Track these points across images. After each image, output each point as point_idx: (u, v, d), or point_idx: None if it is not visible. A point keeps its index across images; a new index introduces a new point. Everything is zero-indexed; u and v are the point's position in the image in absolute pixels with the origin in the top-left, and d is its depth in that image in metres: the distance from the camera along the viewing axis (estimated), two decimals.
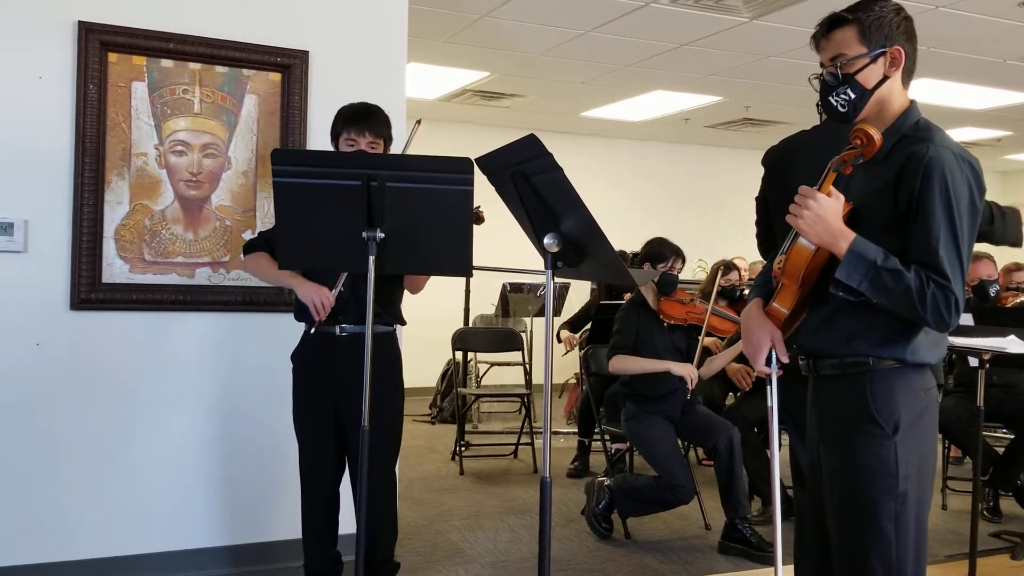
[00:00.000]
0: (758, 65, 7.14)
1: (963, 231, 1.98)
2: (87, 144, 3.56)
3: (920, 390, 2.10)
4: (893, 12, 2.10)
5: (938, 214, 1.97)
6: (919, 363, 2.09)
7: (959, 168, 2.00)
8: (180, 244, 3.75)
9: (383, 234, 2.52)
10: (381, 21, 4.07)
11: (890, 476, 2.04)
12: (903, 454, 2.05)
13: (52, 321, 3.55)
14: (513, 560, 4.12)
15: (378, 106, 3.19)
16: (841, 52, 2.11)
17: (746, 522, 4.27)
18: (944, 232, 1.96)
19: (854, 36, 2.09)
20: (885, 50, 2.09)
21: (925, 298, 1.93)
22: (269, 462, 3.88)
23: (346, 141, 3.09)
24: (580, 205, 2.16)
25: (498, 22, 6.16)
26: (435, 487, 5.50)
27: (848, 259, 1.98)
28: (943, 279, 1.94)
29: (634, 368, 4.39)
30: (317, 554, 3.25)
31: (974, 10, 5.59)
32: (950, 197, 1.97)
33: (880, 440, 2.05)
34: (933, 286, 1.94)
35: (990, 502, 5.00)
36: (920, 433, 2.09)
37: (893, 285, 1.95)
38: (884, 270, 1.96)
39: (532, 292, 7.63)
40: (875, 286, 1.97)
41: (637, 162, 10.68)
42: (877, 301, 1.99)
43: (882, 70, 2.10)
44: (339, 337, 3.13)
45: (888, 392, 2.07)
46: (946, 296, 1.94)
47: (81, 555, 3.59)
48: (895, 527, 2.04)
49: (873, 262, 1.97)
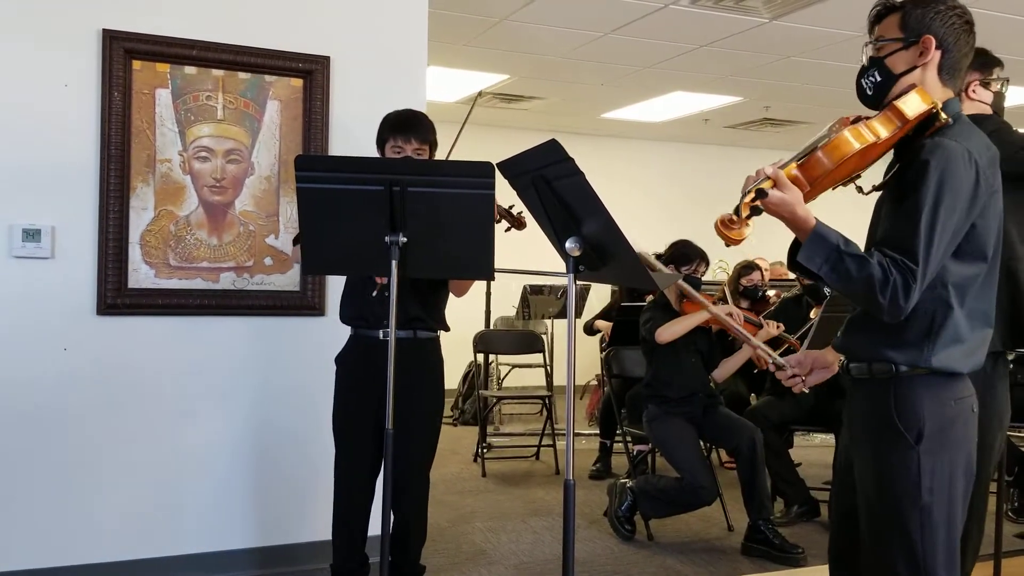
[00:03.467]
0: (778, 65, 7.13)
1: (943, 222, 1.92)
2: (112, 151, 3.60)
3: (949, 399, 2.03)
4: (946, 7, 2.07)
5: (924, 200, 1.91)
6: (948, 371, 2.02)
7: (963, 161, 1.94)
8: (204, 249, 3.78)
9: (406, 238, 2.54)
10: (401, 26, 4.09)
11: (912, 486, 2.00)
12: (927, 465, 1.99)
13: (79, 326, 3.59)
14: (536, 561, 4.13)
15: (422, 112, 3.21)
16: (880, 35, 2.12)
17: (769, 523, 4.25)
18: (926, 218, 1.90)
19: (896, 22, 2.09)
20: (917, 39, 2.06)
21: (887, 286, 1.89)
22: (295, 464, 3.91)
23: (392, 148, 3.11)
24: (601, 209, 2.17)
25: (517, 25, 6.18)
26: (457, 489, 5.52)
27: (810, 241, 1.96)
28: (912, 263, 1.89)
29: (680, 328, 4.37)
30: (346, 555, 3.27)
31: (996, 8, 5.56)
32: (941, 186, 1.91)
33: (903, 450, 2.01)
34: (896, 272, 1.89)
35: (1015, 503, 4.97)
36: (951, 444, 2.02)
37: (856, 271, 1.91)
38: (847, 255, 1.92)
39: (553, 294, 7.63)
40: (836, 271, 1.93)
41: (657, 163, 10.67)
42: (834, 286, 1.96)
43: (912, 58, 2.07)
44: (383, 342, 3.15)
45: (911, 400, 2.02)
46: (907, 283, 1.89)
47: (110, 557, 3.63)
48: (921, 537, 2.00)
49: (836, 246, 1.93)
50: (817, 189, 2.04)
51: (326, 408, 3.26)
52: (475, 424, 6.87)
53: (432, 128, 3.17)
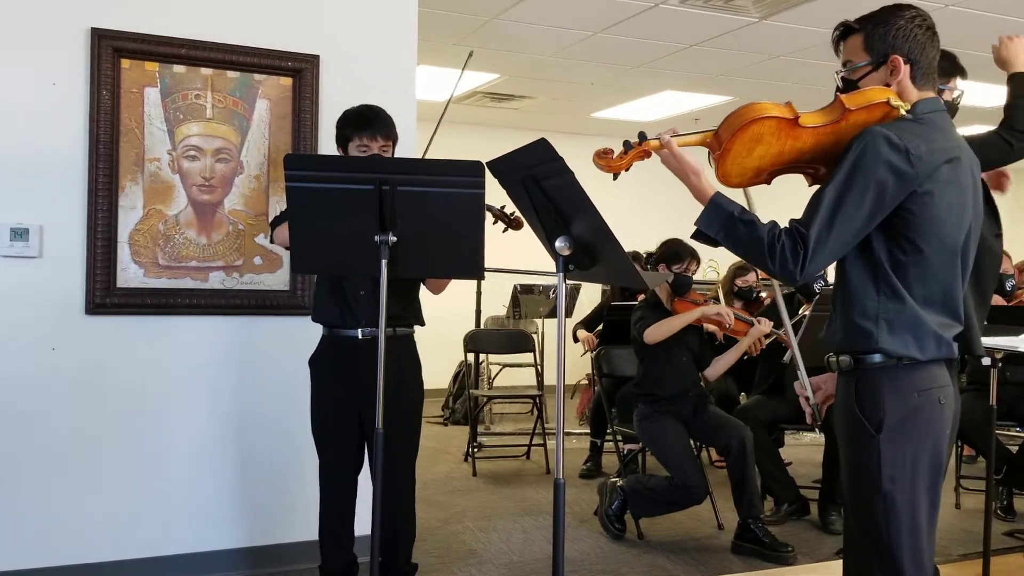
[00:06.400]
0: (768, 65, 7.14)
1: (852, 198, 1.99)
2: (101, 150, 3.59)
3: (912, 390, 2.08)
4: (905, 20, 2.14)
5: (835, 177, 2.01)
6: (900, 356, 2.07)
7: (884, 144, 2.00)
8: (193, 248, 3.77)
9: (395, 238, 2.54)
10: (391, 24, 4.08)
11: (872, 474, 2.07)
12: (888, 453, 2.06)
13: (67, 326, 3.58)
14: (527, 561, 4.13)
15: (381, 108, 3.18)
16: (849, 59, 2.21)
17: (759, 522, 4.26)
18: (831, 192, 2.00)
19: (860, 45, 2.18)
20: (885, 60, 2.14)
21: (775, 248, 1.99)
22: (283, 464, 3.90)
23: (358, 147, 3.09)
24: (591, 209, 2.17)
25: (507, 24, 6.18)
26: (448, 488, 5.51)
27: (707, 209, 2.10)
28: (805, 228, 1.99)
29: (669, 328, 4.36)
30: (334, 555, 3.27)
31: (984, 7, 5.58)
32: (855, 165, 2.00)
33: (864, 439, 2.08)
34: (785, 237, 1.99)
35: (1004, 501, 4.99)
36: (915, 434, 2.07)
37: (746, 235, 2.03)
38: (740, 221, 2.05)
39: (544, 293, 7.62)
40: (729, 236, 2.06)
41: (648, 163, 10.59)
42: (730, 249, 2.09)
43: (884, 77, 2.15)
44: (362, 341, 3.15)
45: (873, 390, 2.09)
46: (795, 248, 1.98)
47: (97, 558, 3.62)
48: (886, 525, 2.07)
49: (731, 214, 2.06)
50: (735, 157, 2.12)
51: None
52: (466, 424, 6.86)
53: (393, 123, 3.16)
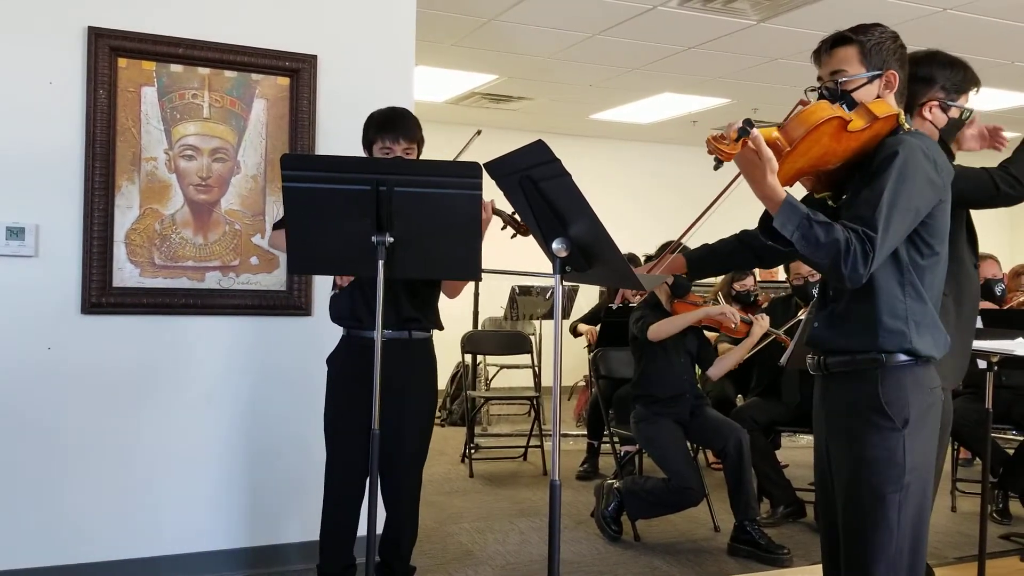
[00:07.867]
0: (766, 67, 7.15)
1: (904, 202, 2.06)
2: (97, 149, 3.58)
3: (928, 387, 2.20)
4: (891, 39, 2.24)
5: (887, 181, 2.06)
6: (926, 356, 2.17)
7: (923, 155, 2.11)
8: (190, 248, 3.77)
9: (392, 239, 2.53)
10: (389, 25, 4.08)
11: (897, 467, 2.14)
12: (910, 447, 2.15)
13: (63, 325, 3.57)
14: (523, 562, 4.13)
15: (407, 109, 3.16)
16: (842, 68, 2.24)
17: (755, 524, 4.26)
18: (887, 196, 2.05)
19: (855, 55, 2.23)
20: (881, 73, 2.22)
21: (849, 253, 2.01)
22: (280, 464, 3.89)
23: (381, 150, 3.06)
24: (588, 211, 2.17)
25: (506, 25, 6.18)
26: (445, 490, 5.51)
27: (783, 209, 2.07)
28: (872, 231, 2.03)
29: (674, 325, 4.37)
30: (334, 557, 3.25)
31: (982, 11, 5.59)
32: (904, 171, 2.07)
33: (889, 432, 2.15)
34: (856, 240, 2.02)
35: (999, 504, 4.99)
36: (927, 429, 2.19)
37: (824, 237, 2.03)
38: (815, 222, 2.05)
39: (541, 295, 7.62)
40: (805, 237, 2.05)
41: (645, 164, 10.67)
42: (803, 251, 2.08)
43: (876, 90, 2.22)
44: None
45: (899, 387, 2.16)
46: (865, 251, 2.02)
47: (94, 557, 3.61)
48: (898, 517, 2.14)
49: (806, 215, 2.06)
50: (795, 157, 2.12)
51: (312, 408, 3.24)
52: (463, 425, 6.86)
53: (419, 125, 3.13)
